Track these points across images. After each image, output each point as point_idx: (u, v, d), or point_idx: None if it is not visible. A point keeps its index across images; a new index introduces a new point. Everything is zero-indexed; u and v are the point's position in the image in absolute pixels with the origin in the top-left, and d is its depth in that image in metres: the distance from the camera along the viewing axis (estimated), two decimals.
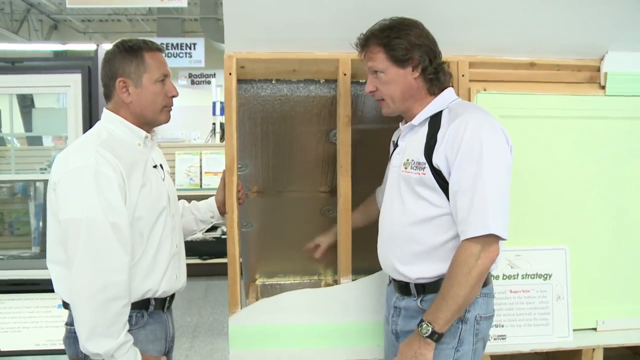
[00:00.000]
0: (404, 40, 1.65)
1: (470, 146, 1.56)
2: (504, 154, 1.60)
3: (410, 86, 1.69)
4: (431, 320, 1.58)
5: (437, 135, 1.64)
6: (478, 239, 1.54)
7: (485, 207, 1.54)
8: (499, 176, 1.57)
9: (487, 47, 2.07)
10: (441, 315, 1.57)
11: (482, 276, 1.58)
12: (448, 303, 1.56)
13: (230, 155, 1.98)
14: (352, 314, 2.07)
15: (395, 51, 1.65)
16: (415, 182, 1.66)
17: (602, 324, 2.16)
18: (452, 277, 1.57)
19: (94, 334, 1.56)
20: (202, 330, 4.44)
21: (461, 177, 1.57)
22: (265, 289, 2.67)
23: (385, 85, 1.70)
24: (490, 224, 1.53)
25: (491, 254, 1.56)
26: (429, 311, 1.61)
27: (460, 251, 1.58)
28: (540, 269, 2.10)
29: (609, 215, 2.17)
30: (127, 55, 1.72)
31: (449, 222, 1.63)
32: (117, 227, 1.59)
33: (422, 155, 1.65)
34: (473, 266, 1.54)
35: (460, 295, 1.55)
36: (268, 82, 2.10)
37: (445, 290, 1.58)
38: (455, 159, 1.58)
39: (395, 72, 1.68)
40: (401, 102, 1.71)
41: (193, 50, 10.25)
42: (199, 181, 5.83)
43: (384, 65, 1.68)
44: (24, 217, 3.69)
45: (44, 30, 13.66)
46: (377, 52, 1.68)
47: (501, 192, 1.57)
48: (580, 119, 2.14)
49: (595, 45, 2.12)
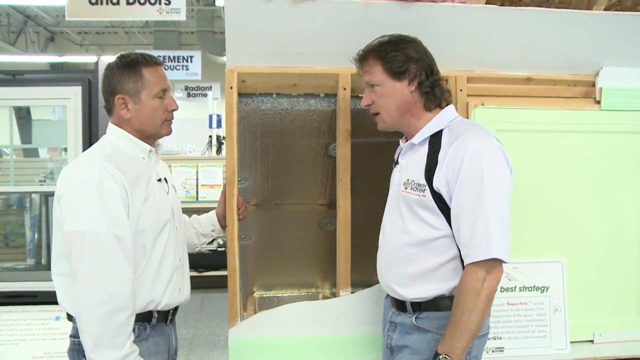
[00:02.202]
0: (400, 53, 1.66)
1: (471, 169, 1.56)
2: (505, 175, 1.60)
3: (406, 100, 1.68)
4: (447, 352, 1.55)
5: (438, 156, 1.63)
6: (482, 262, 1.54)
7: (488, 232, 1.53)
8: (501, 199, 1.57)
9: (485, 63, 2.10)
10: (457, 344, 1.54)
11: (491, 298, 1.57)
12: (462, 331, 1.54)
13: (230, 168, 1.99)
14: (351, 326, 2.07)
15: (391, 63, 1.66)
16: (415, 203, 1.66)
17: (599, 336, 2.17)
18: (462, 303, 1.55)
19: (99, 345, 1.56)
20: (198, 343, 4.42)
21: (463, 201, 1.57)
22: (263, 301, 2.67)
23: (381, 99, 1.70)
24: (494, 248, 1.53)
25: (496, 276, 1.56)
26: (443, 342, 1.57)
27: (466, 276, 1.57)
28: (537, 281, 2.11)
29: (605, 228, 2.19)
30: (125, 72, 1.73)
31: (447, 244, 1.63)
32: (120, 239, 1.60)
33: (422, 177, 1.64)
34: (480, 290, 1.54)
35: (472, 322, 1.54)
36: (268, 96, 2.12)
37: (457, 318, 1.55)
38: (457, 182, 1.58)
39: (391, 85, 1.68)
40: (397, 116, 1.70)
41: (190, 63, 10.26)
42: (195, 194, 5.82)
43: (380, 78, 1.68)
44: (20, 229, 3.67)
45: (41, 42, 13.68)
46: (374, 65, 1.69)
47: (503, 216, 1.57)
48: (576, 133, 2.16)
49: (590, 61, 2.15)
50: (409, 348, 1.70)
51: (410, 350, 1.69)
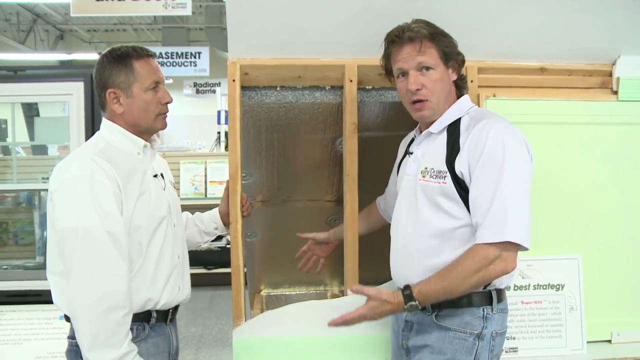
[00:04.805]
0: (452, 40, 1.65)
1: (492, 151, 1.53)
2: (526, 162, 1.58)
3: (450, 88, 1.68)
4: (417, 285, 1.55)
5: (459, 142, 1.60)
6: (497, 245, 1.50)
7: (505, 214, 1.50)
8: (520, 184, 1.54)
9: (497, 52, 2.04)
10: (426, 286, 1.54)
11: (486, 282, 1.55)
12: (439, 284, 1.53)
13: (234, 164, 1.95)
14: (359, 326, 2.00)
15: (447, 48, 1.63)
16: (435, 192, 1.61)
17: (617, 336, 2.11)
18: (459, 268, 1.52)
19: (96, 345, 1.53)
20: (206, 341, 4.40)
21: (482, 182, 1.53)
22: (271, 299, 2.64)
23: (434, 84, 1.63)
24: (509, 231, 1.49)
25: (506, 264, 1.51)
26: (420, 282, 1.56)
27: (477, 250, 1.52)
28: (552, 279, 2.05)
29: (623, 224, 2.12)
30: (115, 65, 1.70)
31: (468, 233, 1.59)
32: (113, 236, 1.57)
33: (443, 164, 1.60)
34: (483, 269, 1.50)
35: (454, 288, 1.52)
36: (272, 89, 2.07)
37: (445, 273, 1.54)
38: (477, 163, 1.54)
39: (443, 71, 1.65)
40: (443, 103, 1.66)
41: (198, 59, 10.27)
42: (204, 190, 5.81)
43: (436, 61, 1.63)
44: (29, 226, 3.67)
45: (50, 41, 13.76)
46: (430, 47, 1.62)
47: (522, 200, 1.53)
48: (592, 125, 2.10)
49: (607, 50, 2.08)
50: (430, 347, 1.64)
51: (431, 349, 1.64)
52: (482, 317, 1.61)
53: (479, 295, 1.61)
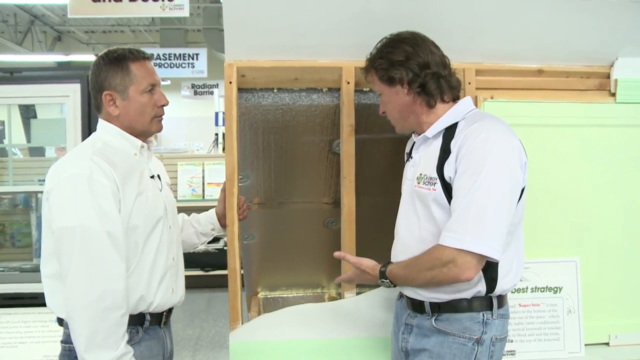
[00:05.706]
0: (384, 60, 1.64)
1: (475, 155, 1.50)
2: (510, 169, 1.52)
3: (404, 104, 1.65)
4: (391, 264, 1.66)
5: (451, 145, 1.58)
6: (453, 250, 1.48)
7: (468, 221, 1.47)
8: (497, 192, 1.49)
9: (494, 54, 2.03)
10: (395, 269, 1.64)
11: (440, 284, 1.55)
12: (402, 272, 1.62)
13: (230, 166, 1.94)
14: (357, 329, 2.01)
15: (379, 72, 1.66)
16: (428, 198, 1.60)
17: (615, 339, 2.11)
18: (419, 261, 1.58)
19: (92, 345, 1.51)
20: (204, 343, 4.39)
21: (458, 186, 1.51)
22: (268, 302, 2.62)
23: (386, 106, 1.71)
24: (468, 239, 1.46)
25: (459, 271, 1.48)
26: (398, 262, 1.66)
27: (435, 248, 1.53)
28: (550, 282, 2.05)
29: (621, 226, 2.12)
30: (111, 67, 1.69)
31: None
32: (112, 235, 1.56)
33: (434, 170, 1.59)
34: (436, 269, 1.52)
35: (412, 279, 1.61)
36: (269, 91, 2.06)
37: (410, 262, 1.60)
38: (460, 166, 1.52)
39: (388, 92, 1.67)
40: (403, 120, 1.70)
41: (195, 61, 10.24)
42: (202, 192, 5.80)
43: (379, 87, 1.70)
44: (26, 228, 3.66)
45: (48, 42, 13.72)
46: (372, 75, 1.70)
47: (496, 209, 1.48)
48: (590, 127, 2.10)
49: (604, 52, 2.08)
50: (428, 351, 1.63)
51: (429, 353, 1.63)
52: (482, 322, 1.59)
53: (479, 300, 1.60)
